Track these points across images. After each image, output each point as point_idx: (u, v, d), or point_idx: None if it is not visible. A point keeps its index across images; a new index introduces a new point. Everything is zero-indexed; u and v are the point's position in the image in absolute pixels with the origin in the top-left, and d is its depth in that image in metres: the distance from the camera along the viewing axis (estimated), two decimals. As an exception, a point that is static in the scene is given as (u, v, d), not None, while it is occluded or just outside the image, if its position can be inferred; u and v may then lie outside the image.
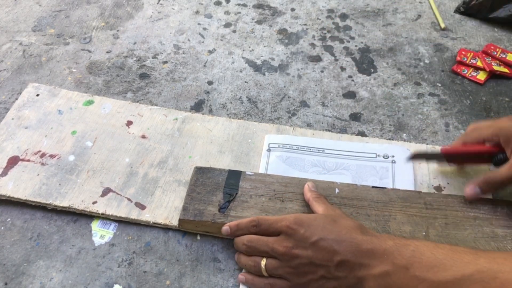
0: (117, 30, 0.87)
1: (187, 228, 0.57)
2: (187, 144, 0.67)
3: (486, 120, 0.72)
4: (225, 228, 0.54)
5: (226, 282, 0.54)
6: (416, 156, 0.60)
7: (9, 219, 0.59)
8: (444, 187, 0.62)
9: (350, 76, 0.80)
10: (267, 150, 0.65)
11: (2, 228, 0.58)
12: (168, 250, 0.56)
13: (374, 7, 0.95)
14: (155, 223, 0.58)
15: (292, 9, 0.93)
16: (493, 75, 0.80)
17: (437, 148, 0.59)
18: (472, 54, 0.82)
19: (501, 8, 0.88)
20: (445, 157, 0.59)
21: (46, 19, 0.88)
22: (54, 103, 0.71)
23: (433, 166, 0.64)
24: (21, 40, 0.83)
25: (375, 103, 0.75)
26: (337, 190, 0.59)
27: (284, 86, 0.78)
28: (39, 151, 0.64)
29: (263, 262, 0.50)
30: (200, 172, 0.61)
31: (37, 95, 0.72)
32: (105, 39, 0.85)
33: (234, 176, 0.60)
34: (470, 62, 0.81)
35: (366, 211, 0.57)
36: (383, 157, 0.65)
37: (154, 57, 0.82)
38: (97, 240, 0.57)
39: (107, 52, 0.82)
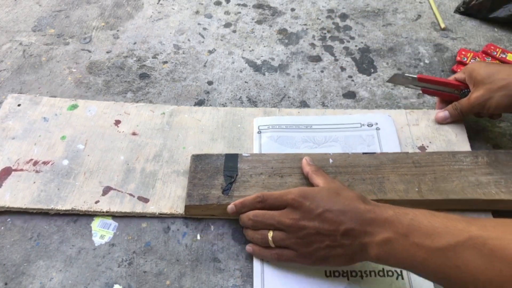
0: (117, 30, 0.87)
1: (193, 214, 0.59)
2: (179, 136, 0.68)
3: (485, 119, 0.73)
4: (231, 207, 0.56)
5: (226, 282, 0.54)
6: (395, 78, 0.69)
7: (9, 219, 0.59)
8: (427, 146, 0.67)
9: (350, 76, 0.80)
10: (258, 133, 0.68)
11: (2, 228, 0.58)
12: (168, 250, 0.56)
13: (374, 7, 0.95)
14: (161, 214, 0.59)
15: (292, 9, 0.93)
16: (493, 75, 0.80)
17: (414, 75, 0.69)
18: (472, 54, 0.82)
19: (501, 8, 0.88)
20: (420, 82, 0.68)
21: (46, 19, 0.88)
22: (38, 111, 0.70)
23: (415, 128, 0.70)
24: (21, 40, 0.83)
25: (375, 103, 0.75)
26: (331, 161, 0.62)
27: (284, 86, 0.78)
28: (31, 159, 0.63)
29: (270, 234, 0.52)
30: (198, 159, 0.62)
31: (18, 105, 0.71)
32: (105, 39, 0.85)
33: (232, 159, 0.62)
34: (470, 62, 0.81)
35: (360, 176, 0.60)
36: (368, 125, 0.69)
37: (154, 57, 0.82)
38: (97, 240, 0.57)
39: (107, 52, 0.82)
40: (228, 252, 0.57)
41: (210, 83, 0.78)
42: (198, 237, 0.58)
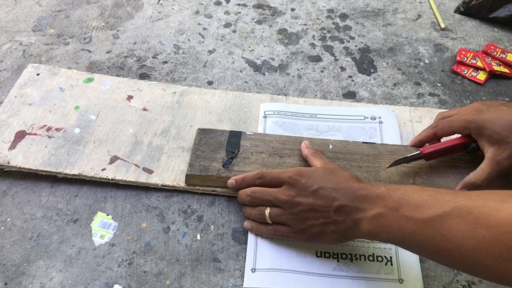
0: (117, 30, 0.87)
1: (193, 183, 0.61)
2: (187, 114, 0.70)
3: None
4: (231, 181, 0.58)
5: (226, 282, 0.54)
6: (397, 162, 0.61)
7: (9, 219, 0.59)
8: (427, 143, 0.66)
9: (350, 76, 0.80)
10: (263, 117, 0.70)
11: (2, 228, 0.58)
12: (168, 250, 0.56)
13: (374, 7, 0.95)
14: (163, 185, 0.61)
15: (292, 9, 0.93)
16: (493, 75, 0.80)
17: (414, 151, 0.62)
18: (472, 54, 0.82)
19: (501, 8, 0.88)
20: (424, 156, 0.61)
21: (46, 19, 0.88)
22: (55, 81, 0.73)
23: (418, 125, 0.69)
24: (21, 40, 0.83)
25: (375, 103, 0.75)
26: (330, 146, 0.64)
27: (284, 86, 0.78)
28: (45, 125, 0.67)
29: (267, 210, 0.55)
30: (203, 133, 0.65)
31: (38, 74, 0.74)
32: (105, 39, 0.85)
33: (235, 136, 0.65)
34: (470, 62, 0.81)
35: (358, 163, 0.62)
36: (371, 118, 0.70)
37: (154, 57, 0.82)
38: (97, 240, 0.57)
39: (107, 52, 0.82)
40: (228, 252, 0.57)
41: (210, 83, 0.78)
42: (198, 237, 0.58)
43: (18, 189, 0.62)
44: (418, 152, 0.61)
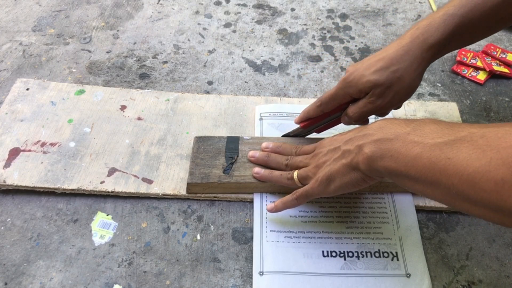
0: (117, 30, 0.87)
1: (195, 192, 0.61)
2: (183, 121, 0.70)
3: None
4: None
5: (226, 282, 0.54)
6: (285, 135, 0.67)
7: (9, 219, 0.59)
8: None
9: (350, 76, 0.80)
10: (259, 119, 0.70)
11: (2, 228, 0.58)
12: (168, 250, 0.56)
13: (374, 7, 0.95)
14: (164, 195, 0.61)
15: (292, 9, 0.93)
16: (493, 75, 0.80)
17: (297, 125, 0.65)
18: (472, 54, 0.82)
19: (501, 8, 0.88)
20: (304, 129, 0.64)
21: (46, 19, 0.88)
22: (46, 95, 0.72)
23: (413, 118, 0.68)
24: (21, 40, 0.83)
25: (375, 103, 0.75)
26: None
27: (284, 86, 0.78)
28: (39, 141, 0.66)
29: (295, 173, 0.56)
30: (201, 140, 0.64)
31: (27, 89, 0.73)
32: (105, 39, 0.85)
33: (233, 141, 0.64)
34: (470, 62, 0.81)
35: None
36: None
37: (154, 57, 0.82)
38: (97, 240, 0.57)
39: (107, 52, 0.82)
40: (228, 252, 0.57)
41: (210, 83, 0.78)
42: (198, 237, 0.58)
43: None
44: (299, 126, 0.64)
